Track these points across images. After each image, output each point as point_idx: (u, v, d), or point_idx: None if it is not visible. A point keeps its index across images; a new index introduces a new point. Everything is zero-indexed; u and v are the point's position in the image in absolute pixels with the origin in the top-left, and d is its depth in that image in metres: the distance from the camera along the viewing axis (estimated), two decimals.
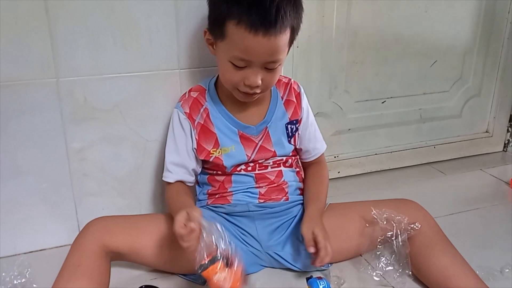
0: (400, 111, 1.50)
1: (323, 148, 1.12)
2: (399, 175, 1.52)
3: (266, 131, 1.03)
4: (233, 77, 0.93)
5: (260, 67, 0.91)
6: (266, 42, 0.86)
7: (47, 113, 1.02)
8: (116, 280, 0.96)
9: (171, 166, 1.02)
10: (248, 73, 0.91)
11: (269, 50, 0.88)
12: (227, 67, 0.92)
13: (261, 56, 0.89)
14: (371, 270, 0.98)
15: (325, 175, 1.11)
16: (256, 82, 0.91)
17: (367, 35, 1.36)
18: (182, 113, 1.01)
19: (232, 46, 0.89)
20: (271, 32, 0.85)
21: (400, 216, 0.95)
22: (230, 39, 0.89)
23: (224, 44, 0.91)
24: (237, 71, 0.91)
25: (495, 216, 1.26)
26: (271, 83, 0.96)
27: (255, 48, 0.87)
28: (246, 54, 0.88)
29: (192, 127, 1.01)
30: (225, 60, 0.92)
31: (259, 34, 0.85)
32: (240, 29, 0.86)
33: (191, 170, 1.03)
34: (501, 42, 1.56)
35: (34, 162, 1.05)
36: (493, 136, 1.68)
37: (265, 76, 0.92)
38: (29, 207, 1.07)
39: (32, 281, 0.92)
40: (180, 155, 1.01)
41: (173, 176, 1.02)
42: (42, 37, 0.97)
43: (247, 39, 0.86)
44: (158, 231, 0.96)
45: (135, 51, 1.04)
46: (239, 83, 0.93)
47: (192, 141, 1.01)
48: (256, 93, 0.95)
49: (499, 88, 1.62)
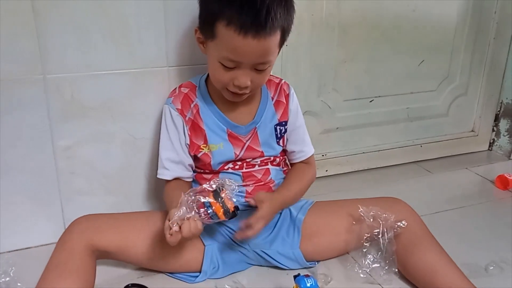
0: (387, 110, 1.51)
1: (310, 152, 1.11)
2: (387, 173, 1.53)
3: (254, 131, 1.03)
4: (223, 77, 0.92)
5: (249, 68, 0.91)
6: (256, 44, 0.86)
7: (34, 110, 1.01)
8: (102, 279, 0.95)
9: (167, 164, 1.01)
10: (238, 74, 0.91)
11: (259, 51, 0.88)
12: (217, 67, 0.92)
13: (250, 58, 0.88)
14: (358, 267, 0.99)
15: (308, 175, 1.09)
16: (245, 83, 0.91)
17: (356, 34, 1.37)
18: (173, 109, 1.00)
19: (221, 47, 0.89)
20: (261, 34, 0.85)
21: (387, 214, 0.96)
22: (220, 40, 0.88)
23: (214, 44, 0.90)
24: (227, 71, 0.91)
25: (480, 214, 1.28)
26: (260, 83, 0.96)
27: (245, 49, 0.87)
28: (236, 55, 0.88)
29: (185, 123, 1.00)
30: (215, 60, 0.91)
31: (249, 36, 0.85)
32: (230, 30, 0.85)
33: (188, 166, 1.02)
34: (487, 41, 1.58)
35: (21, 160, 1.03)
36: (479, 135, 1.70)
37: (254, 77, 0.92)
38: (15, 205, 1.06)
39: (16, 280, 0.91)
40: (177, 152, 1.01)
41: (170, 173, 1.01)
42: (29, 33, 0.95)
43: (236, 41, 0.85)
44: (146, 229, 0.96)
45: (123, 48, 1.04)
46: (229, 83, 0.93)
47: (185, 137, 1.01)
48: (245, 93, 0.95)
49: (485, 88, 1.64)
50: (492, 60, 1.60)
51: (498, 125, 1.69)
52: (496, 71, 1.63)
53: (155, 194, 1.18)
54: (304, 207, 1.05)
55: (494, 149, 1.72)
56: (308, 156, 1.10)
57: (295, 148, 1.08)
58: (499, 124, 1.69)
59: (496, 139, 1.71)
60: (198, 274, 0.98)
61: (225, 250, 1.00)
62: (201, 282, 0.98)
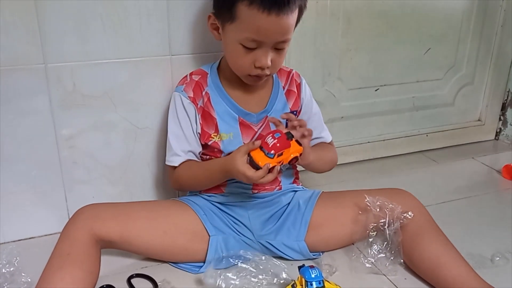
0: (393, 99, 1.50)
1: (329, 137, 1.12)
2: (392, 163, 1.52)
3: (266, 120, 1.02)
4: (243, 60, 0.93)
5: (270, 48, 0.91)
6: (279, 22, 0.87)
7: (35, 99, 1.00)
8: (106, 268, 0.95)
9: (180, 152, 1.00)
10: (258, 54, 0.91)
11: (281, 29, 0.89)
12: (237, 50, 0.92)
13: (273, 36, 0.89)
14: (363, 258, 0.98)
15: (333, 149, 1.11)
16: (266, 63, 0.92)
17: (361, 22, 1.35)
18: (185, 97, 0.99)
19: (243, 28, 0.89)
20: (284, 11, 0.86)
21: (393, 204, 0.95)
22: (242, 21, 0.89)
23: (233, 27, 0.91)
24: (247, 53, 0.92)
25: (486, 205, 1.27)
26: (278, 64, 0.96)
27: (268, 28, 0.87)
28: (258, 34, 0.88)
29: (197, 111, 0.99)
30: (235, 43, 0.92)
31: (273, 13, 0.86)
32: (253, 9, 0.86)
33: (197, 154, 1.02)
34: (495, 30, 1.55)
35: (23, 150, 1.03)
36: (485, 124, 1.68)
37: (274, 57, 0.93)
38: (18, 194, 1.06)
39: (21, 270, 0.91)
40: (189, 141, 1.00)
41: (181, 160, 1.00)
42: (29, 21, 0.94)
43: (260, 20, 0.86)
44: (150, 218, 0.95)
45: (125, 37, 1.02)
46: (250, 67, 0.93)
47: (197, 125, 1.00)
48: (266, 74, 0.95)
49: (492, 77, 1.62)
50: (500, 49, 1.58)
51: (505, 114, 1.68)
52: (504, 59, 1.60)
53: (159, 183, 1.17)
54: (312, 199, 1.04)
55: (501, 138, 1.71)
56: (328, 142, 1.12)
57: (314, 135, 1.07)
58: (506, 113, 1.67)
59: (503, 128, 1.70)
60: (202, 264, 0.98)
61: (230, 241, 0.99)
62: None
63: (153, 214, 0.96)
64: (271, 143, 0.87)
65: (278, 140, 0.87)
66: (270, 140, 0.87)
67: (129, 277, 0.95)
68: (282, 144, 0.87)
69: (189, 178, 1.01)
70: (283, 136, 0.87)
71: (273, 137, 0.87)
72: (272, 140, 0.87)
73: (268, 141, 0.87)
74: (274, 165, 0.87)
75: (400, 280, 0.96)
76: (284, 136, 0.88)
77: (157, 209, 0.98)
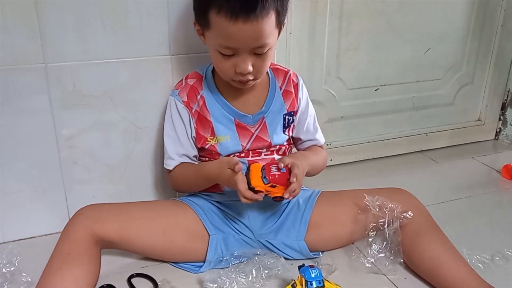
0: (393, 98, 1.50)
1: (322, 140, 1.13)
2: (392, 163, 1.52)
3: (263, 121, 1.02)
4: (224, 66, 0.92)
5: (248, 54, 0.90)
6: (248, 28, 0.85)
7: (35, 99, 1.00)
8: (107, 268, 0.95)
9: (174, 155, 1.02)
10: (237, 60, 0.90)
11: (253, 35, 0.87)
12: (216, 56, 0.92)
13: (245, 43, 0.88)
14: (363, 257, 0.99)
15: (323, 152, 1.11)
16: (246, 69, 0.90)
17: (360, 22, 1.35)
18: (179, 101, 1.00)
19: (217, 35, 0.88)
20: (252, 17, 0.84)
21: (393, 204, 0.95)
22: (214, 28, 0.88)
23: (210, 34, 0.90)
24: (226, 59, 0.91)
25: (486, 204, 1.27)
26: (263, 68, 0.95)
27: (238, 35, 0.86)
28: (230, 42, 0.87)
29: (191, 116, 1.00)
30: (214, 50, 0.91)
31: (239, 20, 0.84)
32: (221, 17, 0.85)
33: (192, 157, 1.03)
34: (495, 30, 1.55)
35: (23, 149, 1.03)
36: (485, 124, 1.68)
37: (255, 61, 0.91)
38: (18, 194, 1.06)
39: (21, 270, 0.91)
40: (183, 145, 1.01)
41: (175, 163, 1.02)
42: (29, 21, 0.94)
43: (228, 27, 0.85)
44: (149, 218, 0.96)
45: (125, 36, 1.02)
46: (231, 72, 0.92)
47: (191, 129, 1.00)
48: (250, 79, 0.94)
49: (491, 76, 1.62)
50: (499, 48, 1.58)
51: (504, 114, 1.68)
52: (503, 59, 1.60)
53: (159, 183, 1.17)
54: (312, 198, 1.04)
55: (501, 138, 1.71)
56: (320, 145, 1.12)
57: (308, 136, 1.09)
58: (505, 113, 1.67)
59: (503, 128, 1.70)
60: (202, 264, 0.98)
61: (230, 240, 1.00)
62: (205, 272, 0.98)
63: (153, 214, 0.97)
64: (273, 172, 0.90)
65: (281, 175, 0.90)
66: (274, 170, 0.90)
67: (129, 276, 0.95)
68: (281, 180, 0.90)
69: (183, 181, 1.03)
70: (286, 175, 0.90)
71: (278, 169, 0.90)
72: (276, 171, 0.90)
73: (272, 169, 0.90)
74: (261, 191, 0.89)
75: (400, 279, 0.96)
76: (287, 176, 0.90)
77: (157, 209, 0.98)
